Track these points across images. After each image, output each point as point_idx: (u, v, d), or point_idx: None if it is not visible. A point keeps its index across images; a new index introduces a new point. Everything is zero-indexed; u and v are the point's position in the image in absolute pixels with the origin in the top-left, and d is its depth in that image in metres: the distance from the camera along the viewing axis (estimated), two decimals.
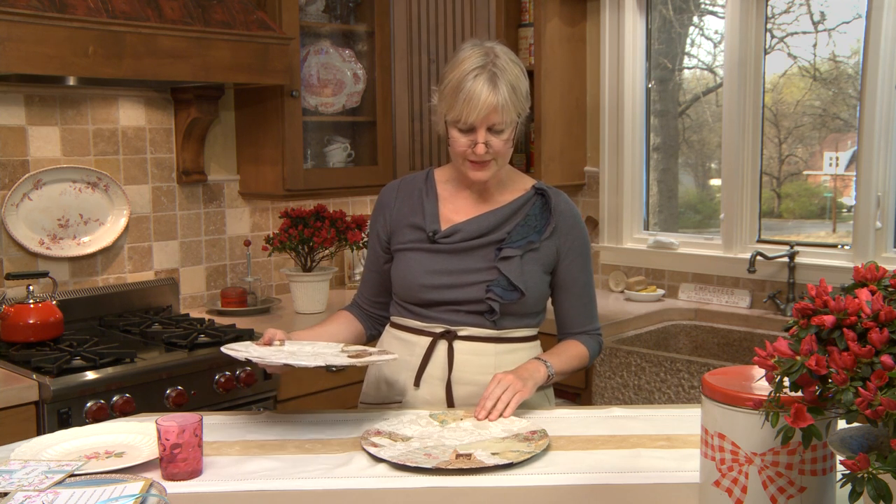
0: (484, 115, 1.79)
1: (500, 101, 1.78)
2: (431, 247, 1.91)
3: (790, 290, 3.15)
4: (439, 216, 1.94)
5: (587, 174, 3.73)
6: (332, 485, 1.44)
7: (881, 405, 0.96)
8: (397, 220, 1.97)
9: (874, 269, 1.12)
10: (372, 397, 2.01)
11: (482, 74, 1.79)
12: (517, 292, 1.86)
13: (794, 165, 3.46)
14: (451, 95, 1.82)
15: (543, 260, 1.91)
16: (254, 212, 3.41)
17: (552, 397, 2.05)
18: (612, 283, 3.63)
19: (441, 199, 1.97)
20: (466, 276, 1.88)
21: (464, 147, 1.84)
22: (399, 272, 1.94)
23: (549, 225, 1.91)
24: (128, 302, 3.01)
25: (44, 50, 2.37)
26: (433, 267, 1.89)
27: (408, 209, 1.97)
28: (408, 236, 1.94)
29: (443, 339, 1.89)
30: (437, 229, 1.91)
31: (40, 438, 1.63)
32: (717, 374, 1.28)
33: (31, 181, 2.81)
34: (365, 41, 3.46)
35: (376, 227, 2.02)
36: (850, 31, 3.16)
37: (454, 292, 1.88)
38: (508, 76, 1.80)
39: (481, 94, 1.77)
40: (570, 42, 3.58)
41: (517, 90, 1.82)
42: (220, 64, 2.74)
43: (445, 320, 1.89)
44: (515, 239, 1.88)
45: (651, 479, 1.45)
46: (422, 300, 1.91)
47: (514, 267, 1.86)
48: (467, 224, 1.91)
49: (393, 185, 2.04)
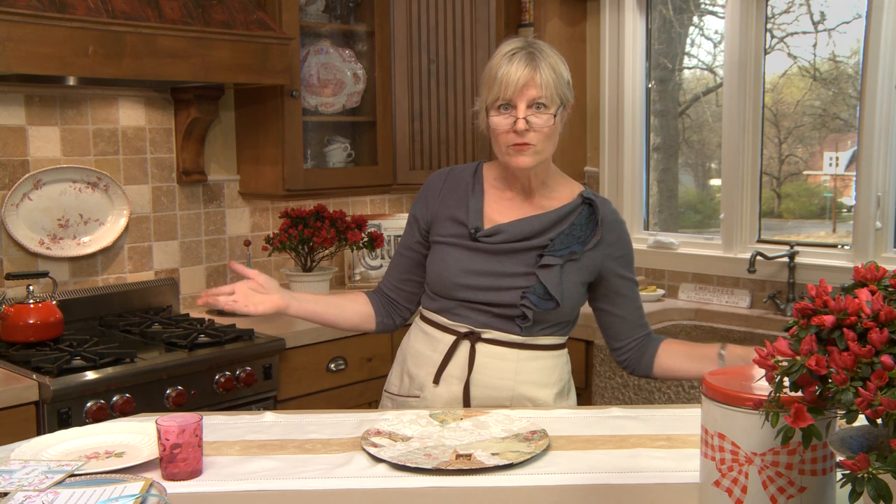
0: (522, 85, 1.76)
1: (539, 75, 1.76)
2: (471, 244, 1.88)
3: (790, 290, 3.15)
4: (483, 214, 1.91)
5: (587, 174, 3.73)
6: (332, 485, 1.44)
7: (881, 405, 0.96)
8: (440, 211, 1.94)
9: (874, 269, 1.12)
10: (396, 387, 2.01)
11: (520, 53, 1.79)
12: (552, 302, 1.83)
13: (794, 165, 3.46)
14: (490, 79, 1.81)
15: (584, 271, 1.89)
16: (254, 212, 3.41)
17: (573, 398, 2.04)
18: None
19: (486, 197, 1.93)
20: (503, 279, 1.85)
21: (505, 129, 1.79)
22: (435, 266, 1.91)
23: (595, 237, 1.88)
24: (128, 302, 3.01)
25: (44, 50, 2.37)
26: (471, 266, 1.87)
27: (452, 201, 1.93)
28: (449, 230, 1.91)
29: (466, 339, 1.88)
30: (479, 227, 1.88)
31: (40, 438, 1.63)
32: (717, 374, 1.28)
33: (31, 181, 2.81)
34: (365, 41, 3.46)
35: (416, 211, 1.98)
36: (850, 31, 3.16)
37: (488, 294, 1.86)
38: (549, 59, 1.79)
39: (518, 68, 1.76)
40: (570, 42, 3.58)
41: (559, 73, 1.80)
42: (220, 64, 2.74)
43: (473, 320, 1.87)
44: (558, 247, 1.85)
45: (651, 479, 1.45)
46: (454, 297, 1.88)
47: (553, 276, 1.83)
48: (510, 226, 1.87)
49: (441, 173, 2.00)
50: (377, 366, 3.07)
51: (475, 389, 1.87)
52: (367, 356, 3.04)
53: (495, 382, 1.87)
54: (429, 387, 1.91)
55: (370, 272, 3.66)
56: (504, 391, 1.87)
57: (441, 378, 1.89)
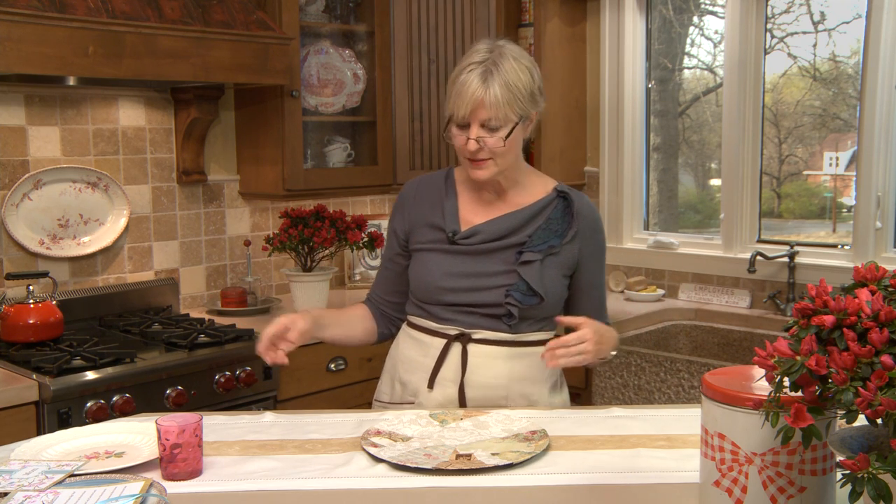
0: (471, 108, 1.77)
1: (489, 96, 1.76)
2: (451, 248, 1.89)
3: (790, 290, 3.15)
4: (459, 217, 1.92)
5: (587, 174, 3.73)
6: (332, 485, 1.44)
7: (881, 405, 0.96)
8: (417, 219, 1.95)
9: (874, 269, 1.12)
10: (387, 396, 2.01)
11: (476, 69, 1.78)
12: (536, 297, 1.84)
13: (794, 165, 3.46)
14: (450, 90, 1.82)
15: (563, 264, 1.89)
16: (254, 212, 3.41)
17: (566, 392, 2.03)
18: (612, 283, 3.63)
19: (461, 200, 1.95)
20: (485, 279, 1.86)
21: (460, 143, 1.82)
22: (417, 272, 1.93)
23: (571, 229, 1.89)
24: (128, 302, 3.01)
25: (44, 50, 2.37)
26: (452, 269, 1.88)
27: (427, 208, 1.95)
28: (427, 236, 1.92)
29: (457, 341, 1.88)
30: (456, 230, 1.89)
31: (40, 438, 1.63)
32: (717, 374, 1.28)
33: (31, 181, 2.81)
34: (365, 41, 3.46)
35: (395, 224, 2.00)
36: (850, 31, 3.16)
37: (472, 295, 1.86)
38: (506, 75, 1.78)
39: (470, 87, 1.76)
40: (570, 42, 3.58)
41: (514, 89, 1.78)
42: (220, 64, 2.74)
43: (461, 322, 1.88)
44: (536, 243, 1.86)
45: (651, 479, 1.45)
46: (439, 301, 1.89)
47: (534, 271, 1.84)
48: (487, 226, 1.89)
49: (413, 183, 2.01)
50: (377, 366, 3.04)
51: (470, 390, 1.87)
52: (367, 356, 3.04)
53: (490, 382, 1.87)
54: (423, 392, 1.91)
55: (370, 272, 3.67)
56: (499, 390, 1.87)
57: (435, 382, 1.89)
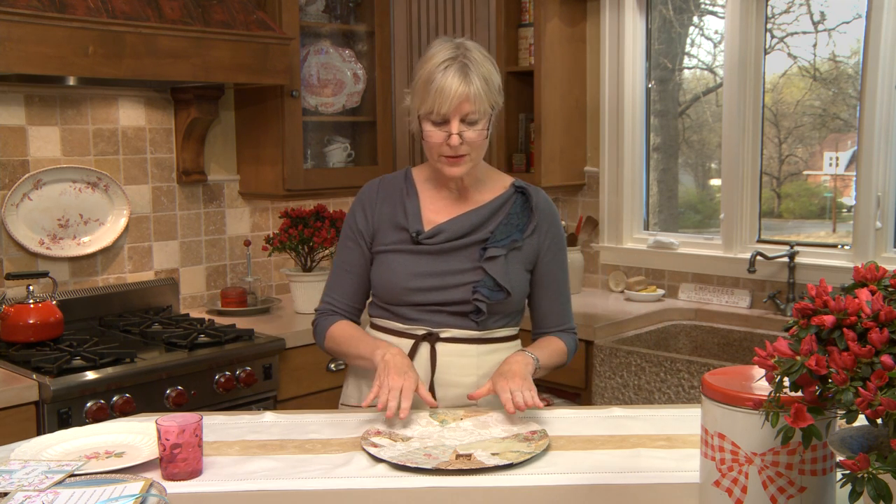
0: (456, 104, 1.78)
1: (472, 90, 1.78)
2: (415, 248, 1.89)
3: (790, 290, 3.15)
4: (421, 216, 1.92)
5: (587, 174, 3.73)
6: (332, 485, 1.44)
7: (881, 405, 0.96)
8: (381, 220, 1.94)
9: (874, 269, 1.12)
10: (355, 399, 1.99)
11: (453, 65, 1.79)
12: (503, 292, 1.86)
13: (794, 165, 3.45)
14: (423, 89, 1.81)
15: (525, 258, 1.92)
16: (254, 212, 3.41)
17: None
18: (612, 283, 3.63)
19: (422, 199, 1.95)
20: (452, 277, 1.87)
21: (439, 141, 1.82)
22: (382, 275, 1.91)
23: (531, 223, 1.92)
24: (128, 302, 3.01)
25: (44, 50, 2.37)
26: (418, 269, 1.88)
27: (389, 209, 1.94)
28: (391, 237, 1.92)
29: (425, 341, 1.88)
30: (420, 230, 1.89)
31: (40, 438, 1.63)
32: (717, 374, 1.28)
33: (31, 181, 2.81)
34: (365, 41, 3.46)
35: (359, 225, 1.95)
36: (850, 31, 3.16)
37: (439, 294, 1.87)
38: (480, 68, 1.80)
39: (452, 83, 1.77)
40: (570, 42, 3.58)
41: (490, 82, 1.82)
42: (220, 64, 2.74)
43: (428, 322, 1.88)
44: (499, 238, 1.88)
45: (651, 479, 1.45)
46: (406, 302, 1.89)
47: (499, 267, 1.86)
48: (450, 224, 1.89)
49: (373, 184, 2.00)
50: None
51: (440, 389, 1.87)
52: None
53: (459, 380, 1.87)
54: None
55: None
56: (468, 388, 1.87)
57: None
